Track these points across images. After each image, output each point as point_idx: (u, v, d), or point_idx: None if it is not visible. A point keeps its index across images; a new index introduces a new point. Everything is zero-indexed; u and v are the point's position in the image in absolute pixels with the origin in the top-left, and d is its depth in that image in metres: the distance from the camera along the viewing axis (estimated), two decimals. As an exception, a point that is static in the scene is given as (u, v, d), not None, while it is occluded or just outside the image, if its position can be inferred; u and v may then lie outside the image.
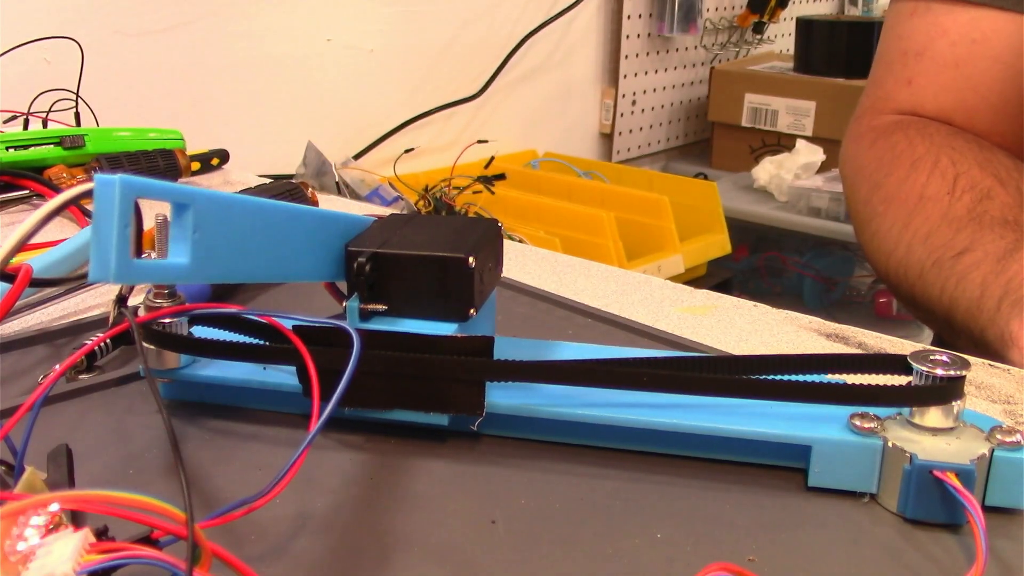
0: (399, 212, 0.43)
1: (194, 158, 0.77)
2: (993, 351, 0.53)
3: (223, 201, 0.32)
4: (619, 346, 0.41)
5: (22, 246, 0.27)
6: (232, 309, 0.38)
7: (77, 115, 0.83)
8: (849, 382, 0.34)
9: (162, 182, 0.30)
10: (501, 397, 0.36)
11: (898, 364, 0.34)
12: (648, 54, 1.88)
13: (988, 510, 0.32)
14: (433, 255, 0.36)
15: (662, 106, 1.97)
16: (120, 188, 0.27)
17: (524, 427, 0.37)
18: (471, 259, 0.36)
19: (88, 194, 0.29)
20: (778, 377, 0.34)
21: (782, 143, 1.79)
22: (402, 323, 0.37)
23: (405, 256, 0.37)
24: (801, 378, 0.34)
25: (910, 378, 0.34)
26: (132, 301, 0.41)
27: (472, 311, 0.37)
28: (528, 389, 0.37)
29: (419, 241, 0.38)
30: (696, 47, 1.98)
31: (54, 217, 0.28)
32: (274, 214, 0.36)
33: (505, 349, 0.36)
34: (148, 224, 0.38)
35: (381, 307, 0.37)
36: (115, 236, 0.27)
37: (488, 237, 0.39)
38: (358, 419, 0.37)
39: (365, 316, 0.37)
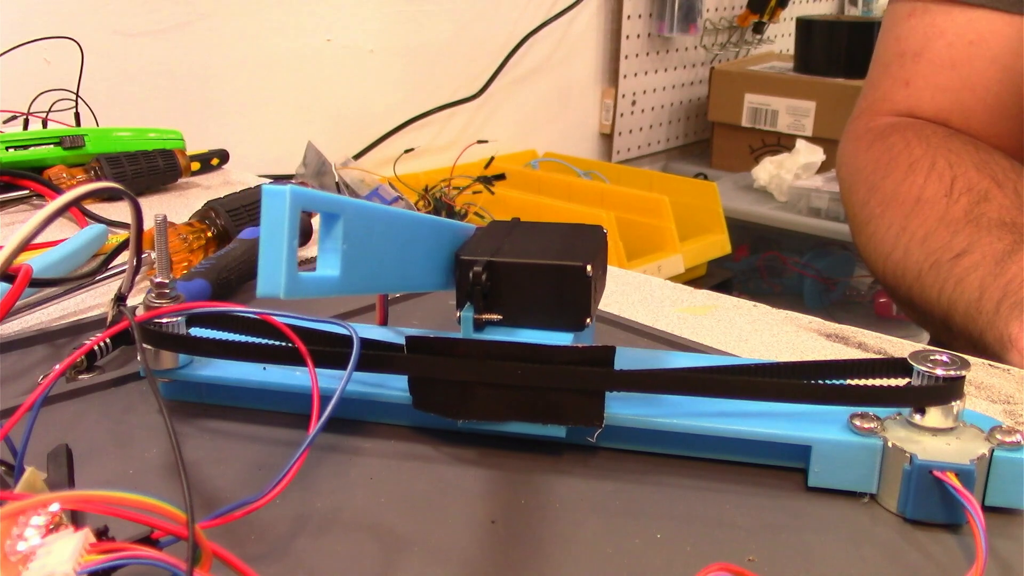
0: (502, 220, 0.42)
1: (194, 158, 0.78)
2: (992, 353, 0.53)
3: (366, 211, 0.32)
4: (645, 348, 0.41)
5: (24, 247, 0.27)
6: (232, 309, 0.38)
7: (77, 115, 0.83)
8: (849, 383, 0.34)
9: (321, 192, 0.29)
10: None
11: (904, 368, 0.34)
12: (648, 54, 1.88)
13: (988, 510, 0.32)
14: (551, 263, 0.35)
15: (662, 106, 1.97)
16: (290, 200, 0.27)
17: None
18: (589, 267, 0.35)
19: (91, 195, 0.29)
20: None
21: (782, 143, 1.79)
22: (517, 333, 0.36)
23: (521, 265, 0.36)
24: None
25: (910, 378, 0.34)
26: (131, 301, 0.41)
27: (589, 320, 0.36)
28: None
29: (532, 249, 0.37)
30: (696, 47, 1.98)
31: (56, 218, 0.28)
32: (401, 222, 0.35)
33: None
34: (148, 224, 0.38)
35: (496, 317, 0.36)
36: (285, 250, 0.27)
37: (598, 244, 0.38)
38: (472, 432, 0.36)
39: (479, 326, 0.36)
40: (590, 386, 0.33)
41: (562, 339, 0.36)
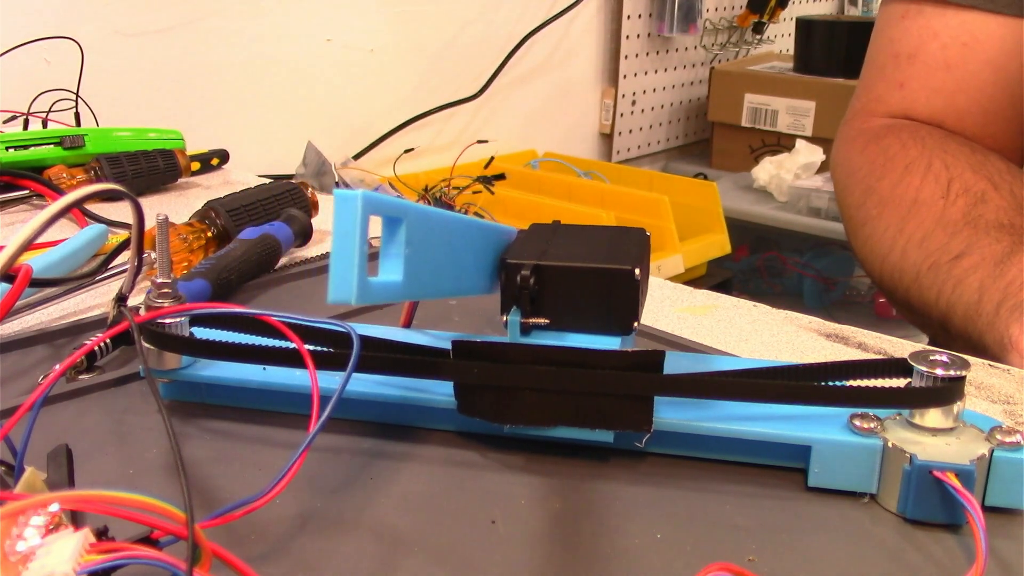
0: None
1: (194, 158, 0.78)
2: (992, 355, 0.52)
3: (425, 215, 0.32)
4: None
5: (26, 248, 0.27)
6: (233, 309, 0.38)
7: (77, 115, 0.83)
8: (849, 383, 0.34)
9: (387, 196, 0.29)
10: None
11: (904, 369, 0.34)
12: (648, 54, 1.88)
13: (988, 510, 0.32)
14: (599, 267, 0.35)
15: (662, 106, 1.97)
16: (362, 204, 0.26)
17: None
18: (637, 271, 0.35)
19: (92, 196, 0.29)
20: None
21: (782, 143, 1.79)
22: (564, 337, 0.36)
23: (569, 268, 0.36)
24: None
25: (910, 379, 0.34)
26: (131, 301, 0.41)
27: (636, 324, 0.36)
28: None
29: (578, 253, 0.36)
30: (696, 47, 1.98)
31: (58, 219, 0.28)
32: (453, 226, 0.34)
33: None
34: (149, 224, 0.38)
35: (543, 321, 0.36)
36: (357, 256, 0.26)
37: (643, 248, 0.38)
38: (519, 437, 0.36)
39: (526, 330, 0.36)
40: (640, 391, 0.33)
41: (609, 343, 0.35)
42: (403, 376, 0.36)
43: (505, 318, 0.36)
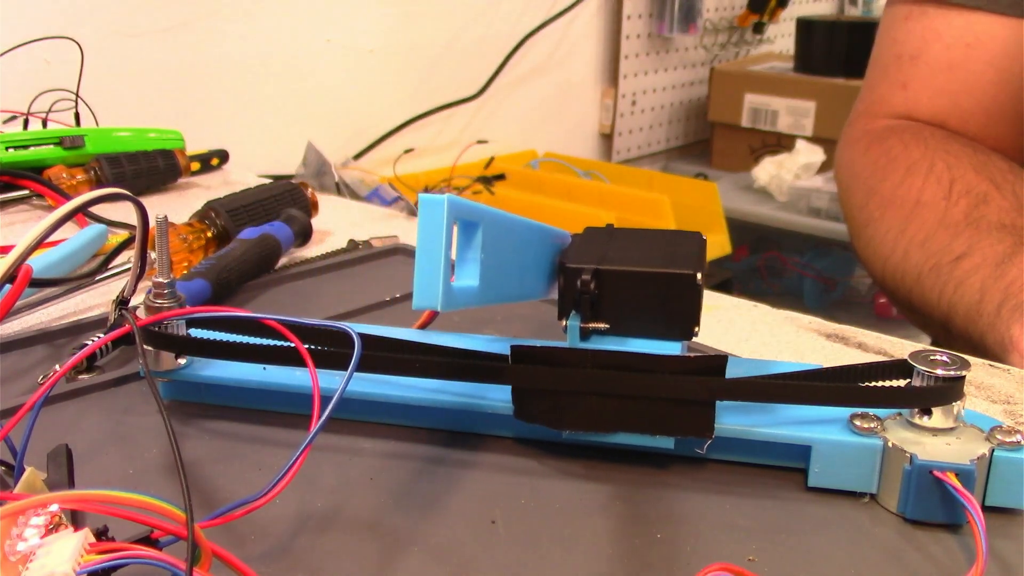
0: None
1: (194, 158, 0.77)
2: (993, 356, 0.52)
3: (497, 219, 0.31)
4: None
5: (31, 252, 0.27)
6: (234, 313, 0.38)
7: (77, 115, 0.83)
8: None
9: (468, 200, 0.28)
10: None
11: (904, 370, 0.34)
12: (648, 54, 1.88)
13: (988, 510, 0.32)
14: (661, 271, 0.35)
15: (662, 106, 1.97)
16: (448, 209, 0.26)
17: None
18: (699, 275, 0.35)
19: (97, 202, 0.29)
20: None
21: (782, 143, 1.79)
22: (625, 342, 0.36)
23: (630, 273, 0.35)
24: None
25: (910, 379, 0.34)
26: (132, 301, 0.41)
27: (697, 328, 0.36)
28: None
29: (637, 257, 0.36)
30: (696, 47, 1.98)
31: (63, 224, 0.28)
32: (518, 229, 0.34)
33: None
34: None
35: (603, 325, 0.36)
36: (442, 262, 0.26)
37: (702, 251, 0.37)
38: (577, 444, 0.36)
39: (585, 335, 0.36)
40: (703, 396, 0.33)
41: (669, 348, 0.35)
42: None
43: (564, 323, 0.36)
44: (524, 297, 0.36)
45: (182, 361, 0.38)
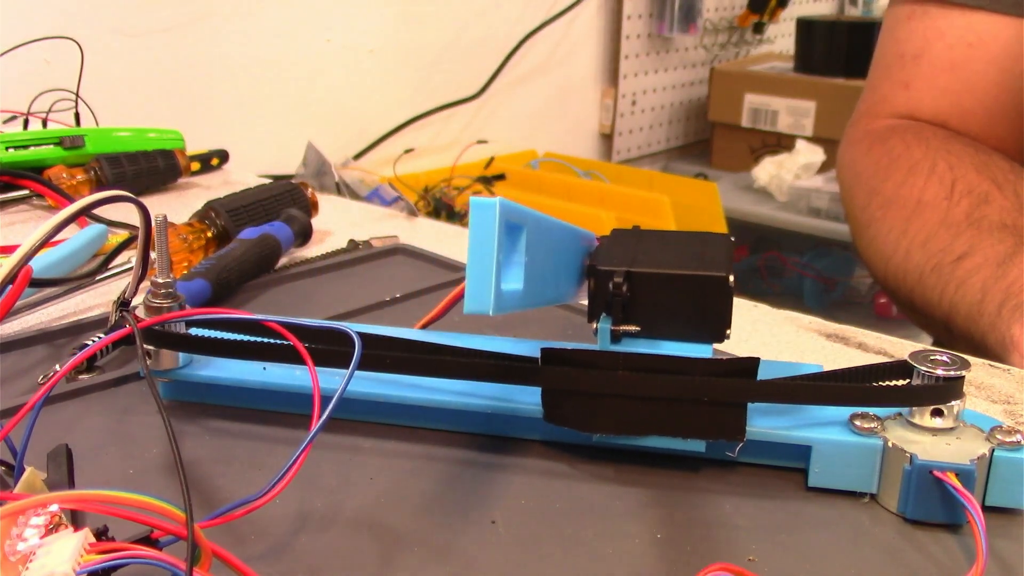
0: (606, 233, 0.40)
1: (194, 158, 0.77)
2: (994, 355, 0.52)
3: (539, 222, 0.31)
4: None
5: (33, 255, 0.27)
6: (235, 315, 0.38)
7: (77, 115, 0.83)
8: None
9: (516, 204, 0.28)
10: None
11: (904, 370, 0.34)
12: (648, 54, 1.88)
13: (988, 510, 0.32)
14: (693, 274, 0.35)
15: (662, 106, 1.97)
16: (500, 212, 0.26)
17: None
18: (731, 277, 0.35)
19: (101, 203, 0.29)
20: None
21: (782, 143, 1.79)
22: (656, 345, 0.36)
23: (661, 275, 0.35)
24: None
25: (910, 379, 0.34)
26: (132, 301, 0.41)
27: (728, 331, 0.36)
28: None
29: (668, 259, 0.36)
30: (696, 47, 1.98)
31: (66, 226, 0.28)
32: (555, 232, 0.34)
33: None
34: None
35: (634, 328, 0.36)
36: (494, 265, 0.26)
37: (729, 253, 0.37)
38: (608, 447, 0.36)
39: (616, 338, 0.36)
40: (735, 397, 0.33)
41: (700, 351, 0.35)
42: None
43: (595, 325, 0.36)
44: (558, 300, 0.36)
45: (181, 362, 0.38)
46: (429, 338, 0.37)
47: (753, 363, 0.33)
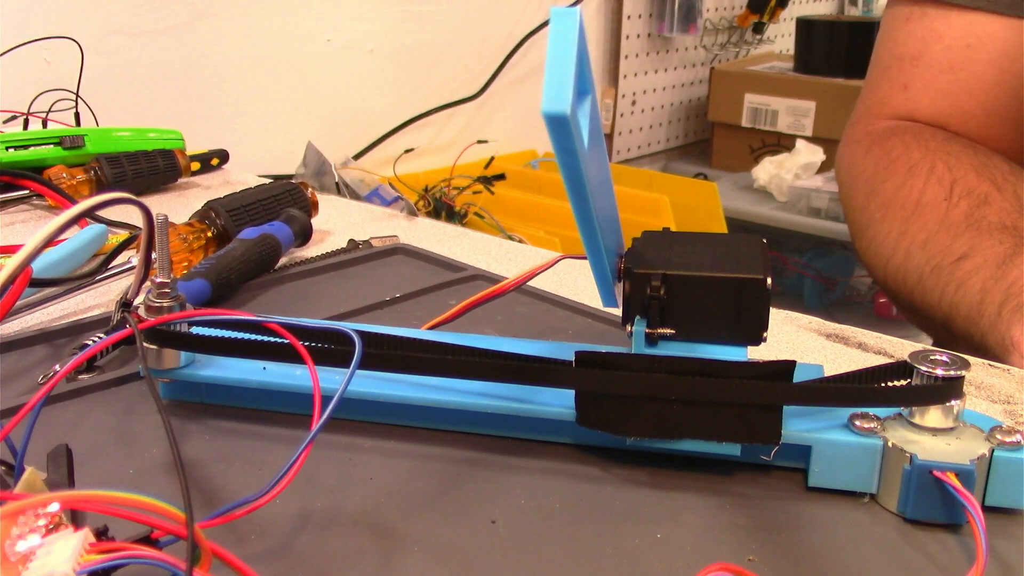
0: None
1: (194, 158, 0.77)
2: (994, 356, 0.53)
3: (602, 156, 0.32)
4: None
5: (35, 256, 0.27)
6: (235, 316, 0.38)
7: (77, 115, 0.83)
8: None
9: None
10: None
11: (904, 371, 0.34)
12: (648, 54, 1.88)
13: (988, 510, 0.32)
14: (731, 276, 0.35)
15: (662, 106, 1.97)
16: (579, 19, 0.26)
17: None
18: (769, 280, 0.35)
19: (104, 205, 0.29)
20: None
21: (782, 143, 1.79)
22: (693, 348, 0.35)
23: (700, 278, 0.35)
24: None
25: (910, 379, 0.34)
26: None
27: (765, 334, 0.35)
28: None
29: (703, 262, 0.36)
30: (696, 47, 1.98)
31: (68, 228, 0.27)
32: (611, 189, 0.35)
33: None
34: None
35: (670, 331, 0.35)
36: (573, 67, 0.26)
37: (765, 255, 0.37)
38: (641, 451, 0.36)
39: (652, 341, 0.36)
40: (770, 401, 0.33)
41: (736, 354, 0.35)
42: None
43: (630, 328, 0.35)
44: (600, 236, 0.34)
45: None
46: (439, 339, 0.37)
47: (789, 366, 0.33)
